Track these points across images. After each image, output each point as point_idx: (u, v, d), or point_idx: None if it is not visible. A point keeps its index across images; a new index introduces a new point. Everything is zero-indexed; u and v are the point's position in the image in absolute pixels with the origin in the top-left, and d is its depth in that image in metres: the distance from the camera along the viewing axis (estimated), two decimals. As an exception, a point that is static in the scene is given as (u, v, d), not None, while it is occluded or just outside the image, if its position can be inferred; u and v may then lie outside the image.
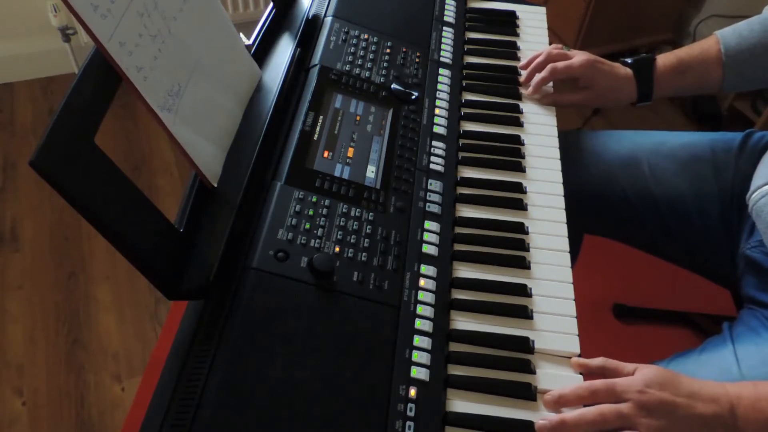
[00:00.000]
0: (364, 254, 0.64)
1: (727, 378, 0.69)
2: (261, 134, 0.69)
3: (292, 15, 0.90)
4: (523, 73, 0.94)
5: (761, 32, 0.85)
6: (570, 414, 0.58)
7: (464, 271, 0.69)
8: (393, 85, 0.83)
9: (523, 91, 0.92)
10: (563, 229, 0.75)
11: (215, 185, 0.66)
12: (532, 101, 0.91)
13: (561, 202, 0.78)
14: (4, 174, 1.83)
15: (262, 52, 0.84)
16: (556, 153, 0.84)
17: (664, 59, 0.89)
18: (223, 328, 0.55)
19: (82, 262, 1.63)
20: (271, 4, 0.89)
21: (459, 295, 0.67)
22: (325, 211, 0.65)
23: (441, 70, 0.91)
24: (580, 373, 0.63)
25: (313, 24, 0.89)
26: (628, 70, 0.90)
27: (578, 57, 0.89)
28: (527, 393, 0.60)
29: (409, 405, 0.56)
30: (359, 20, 0.91)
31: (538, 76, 0.91)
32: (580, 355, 0.64)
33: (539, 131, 0.87)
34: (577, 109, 2.04)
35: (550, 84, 0.92)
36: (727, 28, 0.88)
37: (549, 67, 0.90)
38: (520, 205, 0.76)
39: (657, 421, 0.57)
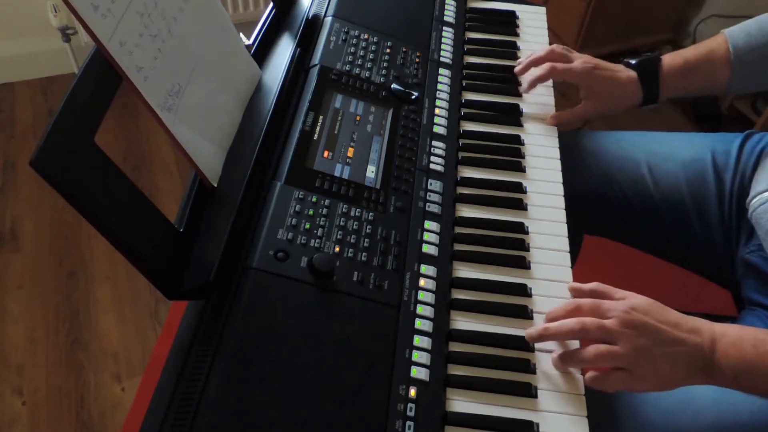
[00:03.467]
0: (364, 254, 0.64)
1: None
2: (261, 134, 0.69)
3: (292, 15, 0.90)
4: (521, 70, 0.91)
5: None
6: (553, 323, 0.61)
7: (464, 271, 0.69)
8: (393, 85, 0.83)
9: (521, 90, 0.91)
10: (563, 229, 0.75)
11: (215, 185, 0.66)
12: (532, 101, 0.91)
13: (561, 202, 0.78)
14: (4, 174, 1.83)
15: (262, 52, 0.84)
16: (556, 153, 0.84)
17: (669, 60, 0.86)
18: (223, 328, 0.55)
19: (82, 262, 1.63)
20: (271, 4, 0.89)
21: (459, 295, 0.67)
22: (325, 211, 0.65)
23: (441, 70, 0.91)
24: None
25: (313, 24, 0.89)
26: (632, 73, 0.86)
27: (578, 62, 0.85)
28: (527, 392, 0.60)
29: (409, 405, 0.56)
30: (359, 20, 0.91)
31: (534, 71, 0.87)
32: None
33: (539, 131, 0.87)
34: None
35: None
36: (735, 27, 0.85)
37: (548, 64, 0.85)
38: (520, 205, 0.76)
39: (637, 339, 0.58)
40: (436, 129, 0.82)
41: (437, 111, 0.84)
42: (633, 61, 0.87)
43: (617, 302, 0.61)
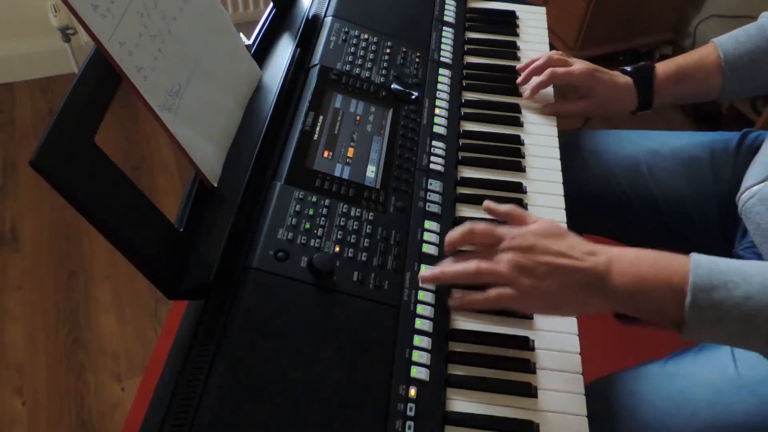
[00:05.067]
0: (364, 254, 0.64)
1: (725, 378, 0.69)
2: (261, 134, 0.69)
3: (292, 15, 0.90)
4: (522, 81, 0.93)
5: (759, 38, 0.84)
6: (448, 269, 0.63)
7: (464, 271, 0.69)
8: (393, 85, 0.83)
9: (522, 93, 0.92)
10: (563, 229, 0.75)
11: (215, 185, 0.66)
12: (532, 101, 0.91)
13: (561, 202, 0.78)
14: (4, 174, 1.83)
15: (262, 52, 0.84)
16: (556, 153, 0.84)
17: (663, 67, 0.88)
18: (223, 328, 0.55)
19: (82, 262, 1.63)
20: (271, 4, 0.89)
21: (459, 294, 0.67)
22: (325, 210, 0.65)
23: (441, 70, 0.91)
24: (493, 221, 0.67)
25: (313, 24, 0.89)
26: (628, 79, 0.89)
27: (578, 65, 0.88)
28: (527, 392, 0.60)
29: (409, 405, 0.56)
30: (359, 20, 0.91)
31: (536, 79, 0.89)
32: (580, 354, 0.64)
33: (539, 131, 0.87)
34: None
35: (551, 93, 0.92)
36: (723, 36, 0.87)
37: (548, 71, 0.88)
38: (520, 205, 0.76)
39: (529, 282, 0.59)
40: (436, 129, 0.82)
41: (437, 111, 0.84)
42: (629, 69, 0.90)
43: (511, 239, 0.61)
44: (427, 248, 0.68)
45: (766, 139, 0.81)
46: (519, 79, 0.92)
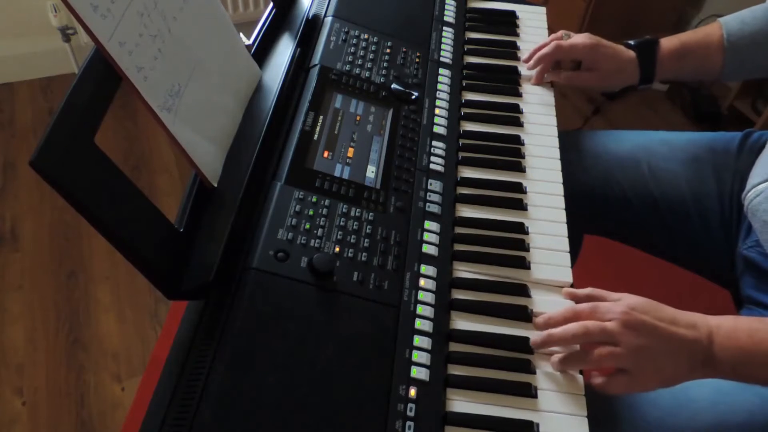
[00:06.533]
0: (364, 254, 0.64)
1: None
2: (261, 134, 0.69)
3: (292, 15, 0.90)
4: (525, 66, 0.95)
5: (764, 20, 0.84)
6: (556, 329, 0.62)
7: (464, 271, 0.69)
8: (393, 85, 0.83)
9: (523, 83, 0.92)
10: (563, 229, 0.75)
11: (215, 185, 0.66)
12: (532, 101, 0.91)
13: (561, 202, 0.78)
14: (4, 174, 1.83)
15: (262, 52, 0.84)
16: (556, 153, 0.84)
17: (667, 42, 0.90)
18: (223, 328, 0.55)
19: (82, 262, 1.63)
20: (271, 4, 0.89)
21: (459, 295, 0.67)
22: (325, 211, 0.65)
23: (441, 70, 0.91)
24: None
25: (313, 24, 0.89)
26: (631, 53, 0.90)
27: (582, 38, 0.90)
28: (527, 392, 0.60)
29: (409, 405, 0.56)
30: (359, 20, 0.91)
31: (541, 52, 0.92)
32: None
33: (539, 131, 0.87)
34: (577, 108, 2.04)
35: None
36: (730, 15, 0.88)
37: (553, 43, 0.90)
38: (520, 205, 0.76)
39: (638, 339, 0.59)
40: (436, 129, 0.82)
41: (437, 111, 0.84)
42: (632, 43, 0.91)
43: (615, 303, 0.62)
44: (426, 248, 0.68)
45: None
46: (524, 57, 0.94)
